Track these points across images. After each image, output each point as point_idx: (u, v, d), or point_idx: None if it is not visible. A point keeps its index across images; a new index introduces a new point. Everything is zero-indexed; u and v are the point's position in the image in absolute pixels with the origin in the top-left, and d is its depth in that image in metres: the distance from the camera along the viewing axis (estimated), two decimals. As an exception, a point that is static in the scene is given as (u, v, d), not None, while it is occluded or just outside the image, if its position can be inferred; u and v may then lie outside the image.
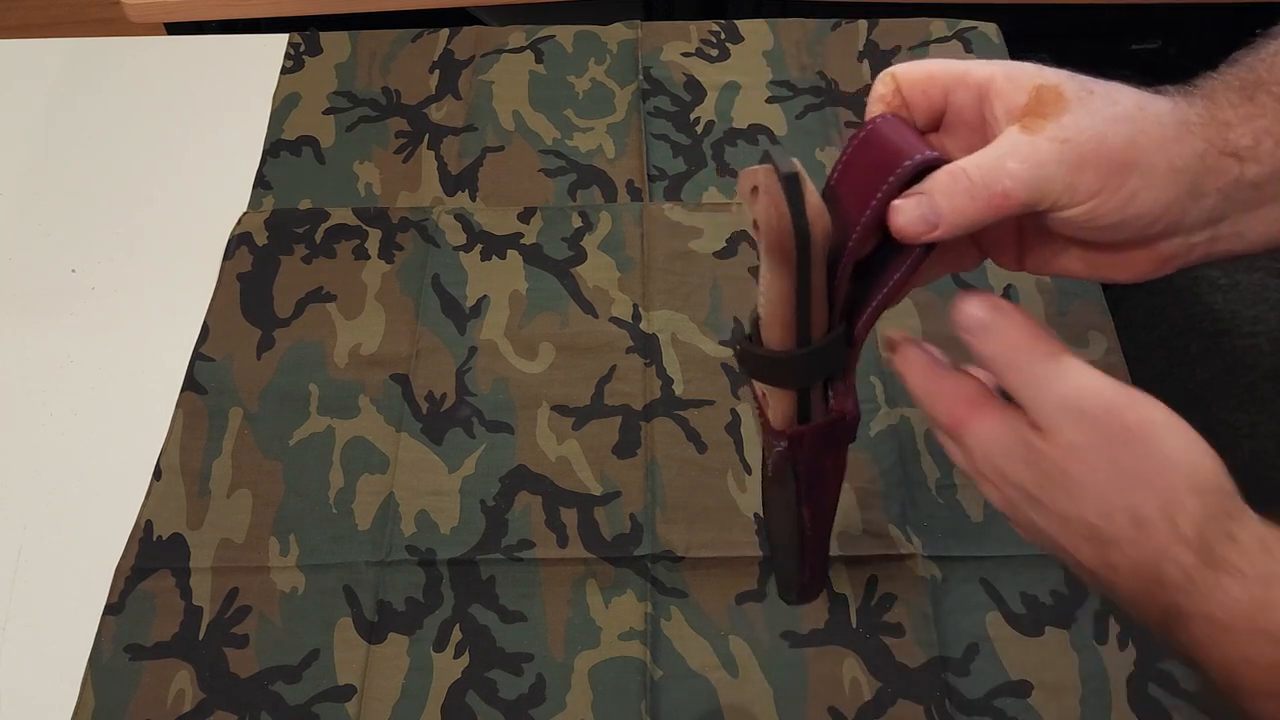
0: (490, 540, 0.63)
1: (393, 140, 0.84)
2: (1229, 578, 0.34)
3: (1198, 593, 0.34)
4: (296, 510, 0.65)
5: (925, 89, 0.41)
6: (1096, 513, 0.36)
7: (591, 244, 0.77)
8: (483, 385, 0.70)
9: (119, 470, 0.67)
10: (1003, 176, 0.37)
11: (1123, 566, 0.36)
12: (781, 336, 0.40)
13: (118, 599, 0.61)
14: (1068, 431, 0.37)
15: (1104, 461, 0.36)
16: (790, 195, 0.36)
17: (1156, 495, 0.35)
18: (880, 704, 0.57)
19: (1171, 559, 0.35)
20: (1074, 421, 0.36)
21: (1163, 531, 0.35)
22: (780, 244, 0.37)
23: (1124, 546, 0.36)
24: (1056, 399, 0.37)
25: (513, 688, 0.58)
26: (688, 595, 0.61)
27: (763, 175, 0.36)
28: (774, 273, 0.38)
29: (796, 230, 0.36)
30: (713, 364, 0.71)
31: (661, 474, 0.66)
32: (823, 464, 0.46)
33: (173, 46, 0.94)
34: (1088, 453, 0.36)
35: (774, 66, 0.89)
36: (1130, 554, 0.36)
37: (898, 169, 0.38)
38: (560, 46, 0.91)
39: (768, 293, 0.39)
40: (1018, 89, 0.39)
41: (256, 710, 0.58)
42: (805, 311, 0.39)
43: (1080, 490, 0.37)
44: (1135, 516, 0.36)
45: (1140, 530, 0.35)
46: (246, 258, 0.77)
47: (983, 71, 0.40)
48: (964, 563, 0.62)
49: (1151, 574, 0.36)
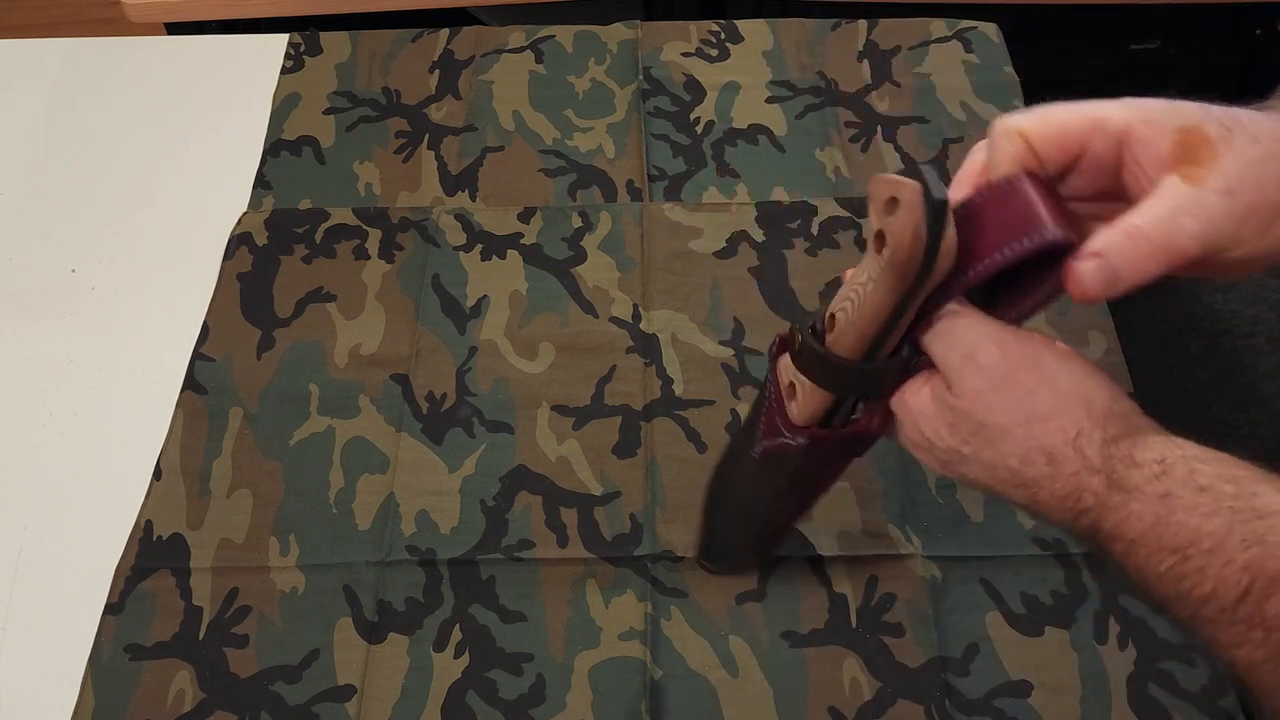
0: (490, 540, 0.63)
1: (393, 140, 0.84)
2: (1133, 499, 0.37)
3: (1111, 514, 0.38)
4: (296, 510, 0.65)
5: (1061, 143, 0.40)
6: (1016, 456, 0.40)
7: (591, 244, 0.77)
8: (483, 385, 0.70)
9: (119, 470, 0.67)
10: (1180, 236, 0.38)
11: (1048, 504, 0.40)
12: (854, 346, 0.40)
13: (118, 599, 0.61)
14: (971, 381, 0.40)
15: (1008, 404, 0.39)
16: (932, 223, 0.35)
17: (1060, 429, 0.39)
18: (880, 704, 0.57)
19: (1086, 487, 0.38)
20: (974, 372, 0.40)
21: (1074, 462, 0.39)
22: (905, 265, 0.36)
23: (1044, 484, 0.39)
24: (959, 353, 0.40)
25: (513, 688, 0.58)
26: (688, 595, 0.61)
27: (909, 192, 0.35)
28: (881, 287, 0.38)
29: (926, 258, 0.36)
30: (713, 364, 0.71)
31: (661, 474, 0.66)
32: (826, 468, 0.46)
33: (173, 46, 0.94)
34: (992, 399, 0.40)
35: (774, 66, 0.89)
36: (1051, 489, 0.39)
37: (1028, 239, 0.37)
38: (560, 46, 0.91)
39: (862, 302, 0.39)
40: (1160, 134, 0.39)
41: (256, 710, 0.58)
42: (889, 332, 0.39)
43: (997, 436, 0.40)
44: (1048, 454, 0.39)
45: (1054, 465, 0.39)
46: (246, 258, 0.77)
47: (1118, 118, 0.40)
48: (964, 563, 0.62)
49: (1073, 505, 0.39)
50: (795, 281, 0.75)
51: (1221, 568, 0.35)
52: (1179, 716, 0.57)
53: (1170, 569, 0.36)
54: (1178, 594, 0.36)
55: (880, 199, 0.36)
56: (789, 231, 0.78)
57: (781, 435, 0.45)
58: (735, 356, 0.71)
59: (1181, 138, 0.39)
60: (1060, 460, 0.39)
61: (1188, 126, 0.39)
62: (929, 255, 0.36)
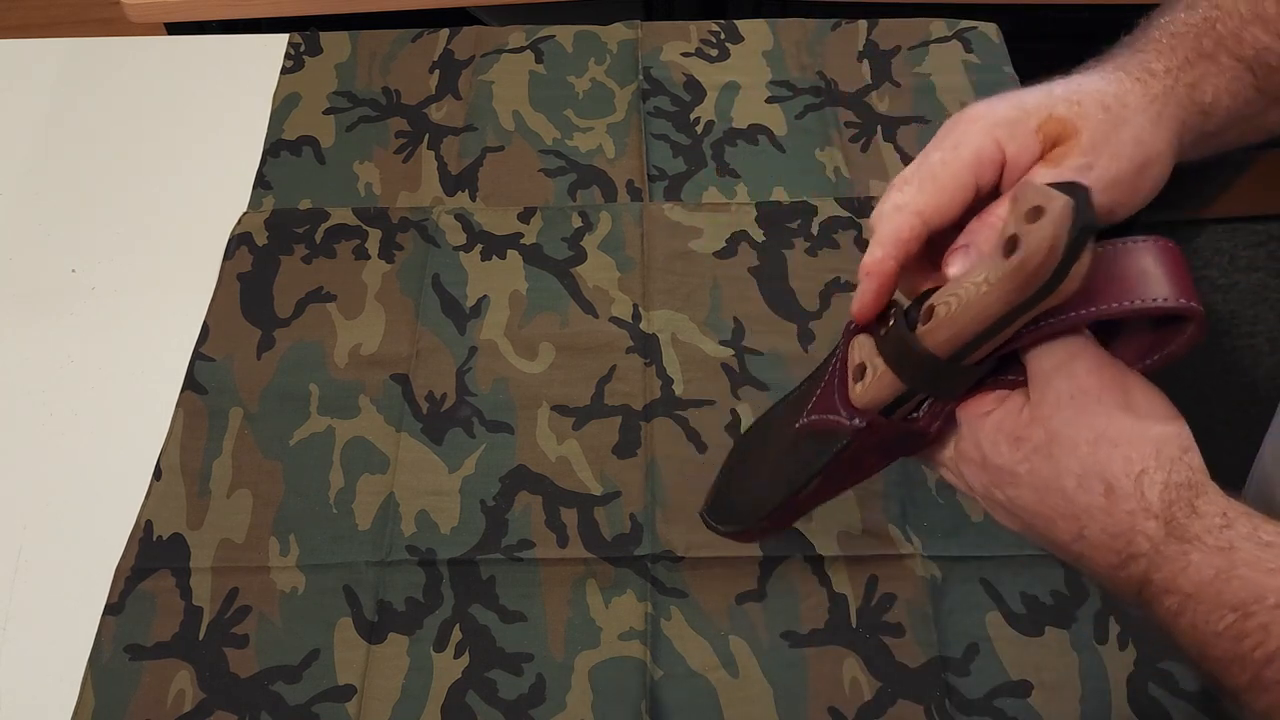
0: (490, 540, 0.63)
1: (393, 140, 0.84)
2: (1194, 549, 0.35)
3: (1166, 564, 0.36)
4: (296, 510, 0.65)
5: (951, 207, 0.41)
6: (1074, 476, 0.38)
7: (591, 244, 0.77)
8: (483, 385, 0.70)
9: (119, 470, 0.67)
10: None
11: (1095, 539, 0.37)
12: (946, 343, 0.39)
13: (118, 599, 0.61)
14: (1056, 389, 0.38)
15: (1084, 420, 0.38)
16: (1073, 245, 0.34)
17: (1126, 460, 0.37)
18: (880, 704, 0.57)
19: (1140, 530, 0.36)
20: (1063, 380, 0.38)
21: (1132, 500, 0.36)
22: (1031, 276, 0.35)
23: (1096, 516, 0.37)
24: (1054, 361, 0.39)
25: (513, 688, 0.58)
26: (688, 595, 0.61)
27: (1059, 205, 0.34)
28: (996, 291, 0.36)
29: (1055, 275, 0.35)
30: (713, 364, 0.71)
31: (661, 474, 0.66)
32: (867, 459, 0.46)
33: (173, 46, 0.94)
34: (1070, 413, 0.38)
35: (774, 66, 0.89)
36: (1102, 524, 0.37)
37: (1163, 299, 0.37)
38: (560, 46, 0.91)
39: (971, 301, 0.38)
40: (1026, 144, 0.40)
41: (256, 710, 0.58)
42: (987, 338, 0.38)
43: (1061, 452, 0.38)
44: (1107, 483, 0.37)
45: (1110, 498, 0.37)
46: (246, 258, 0.77)
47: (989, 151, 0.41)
48: (964, 563, 0.62)
49: (1123, 546, 0.37)
50: (795, 281, 0.75)
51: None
52: (1179, 716, 0.57)
53: (1230, 626, 0.34)
54: (1237, 654, 0.34)
55: (1025, 205, 0.35)
56: (789, 231, 0.78)
57: (836, 413, 0.44)
58: (735, 356, 0.71)
59: (1043, 132, 0.40)
60: (1118, 494, 0.37)
61: (1042, 120, 0.40)
62: (1059, 272, 0.35)
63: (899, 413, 0.43)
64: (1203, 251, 1.59)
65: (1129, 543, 0.36)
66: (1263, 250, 1.62)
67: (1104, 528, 0.37)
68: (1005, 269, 0.36)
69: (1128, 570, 0.37)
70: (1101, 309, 0.37)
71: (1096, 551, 0.38)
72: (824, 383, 0.46)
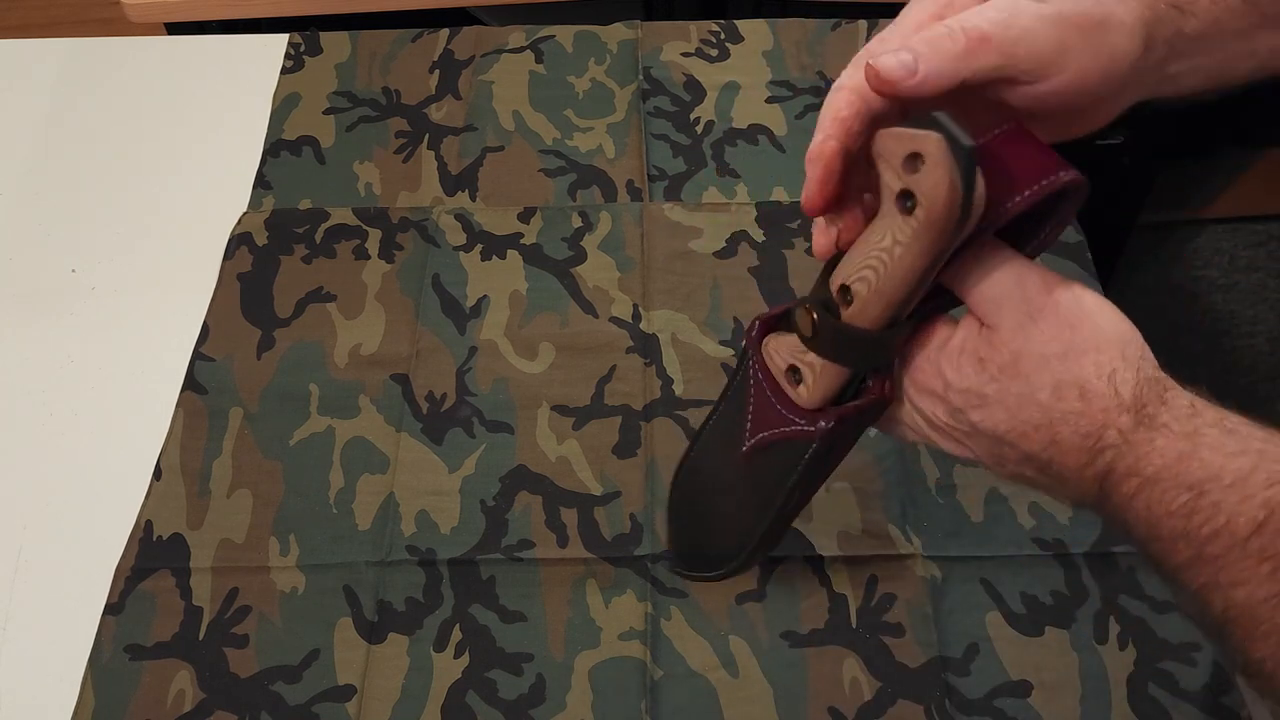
0: (490, 540, 0.63)
1: (393, 140, 0.84)
2: (1159, 435, 0.36)
3: (1132, 451, 0.37)
4: (296, 510, 0.65)
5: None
6: (1048, 388, 0.38)
7: (591, 244, 0.77)
8: (483, 385, 0.70)
9: (119, 470, 0.67)
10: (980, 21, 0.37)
11: (1067, 441, 0.38)
12: (879, 316, 0.38)
13: (118, 599, 0.61)
14: (1011, 313, 0.39)
15: (1049, 335, 0.38)
16: (965, 173, 0.33)
17: (1097, 365, 0.38)
18: (880, 704, 0.57)
19: (1112, 424, 0.37)
20: (1017, 303, 0.39)
21: (1106, 397, 0.37)
22: (942, 223, 0.34)
23: (1070, 421, 0.38)
24: (999, 288, 0.39)
25: (513, 688, 0.58)
26: (688, 595, 0.61)
27: (934, 146, 0.33)
28: (913, 250, 0.36)
29: (962, 213, 0.34)
30: (713, 364, 0.71)
31: (661, 474, 0.66)
32: (843, 446, 0.45)
33: (173, 46, 0.94)
34: (1033, 330, 0.38)
35: (774, 66, 0.89)
36: (1075, 426, 0.38)
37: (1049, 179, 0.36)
38: (560, 46, 0.91)
39: (890, 268, 0.37)
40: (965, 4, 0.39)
41: (256, 710, 0.58)
42: (918, 294, 0.38)
43: (1032, 368, 0.39)
44: (1082, 387, 0.38)
45: (1085, 400, 0.38)
46: (246, 258, 0.77)
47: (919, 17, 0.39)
48: (964, 563, 0.62)
49: (1094, 444, 0.38)
50: (795, 281, 0.75)
51: (1239, 503, 0.34)
52: (1179, 716, 0.57)
53: (1183, 505, 0.35)
54: (1184, 531, 0.35)
55: (897, 156, 0.34)
56: (789, 231, 0.78)
57: (790, 423, 0.43)
58: (735, 356, 0.71)
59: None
60: (1092, 395, 0.37)
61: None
62: (964, 209, 0.34)
63: (849, 393, 0.43)
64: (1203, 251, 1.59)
65: (1099, 439, 0.37)
66: (1263, 250, 1.62)
67: (1076, 429, 0.38)
68: (913, 226, 0.35)
69: (1094, 466, 0.38)
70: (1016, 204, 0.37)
71: (1066, 455, 0.38)
72: (751, 400, 0.45)
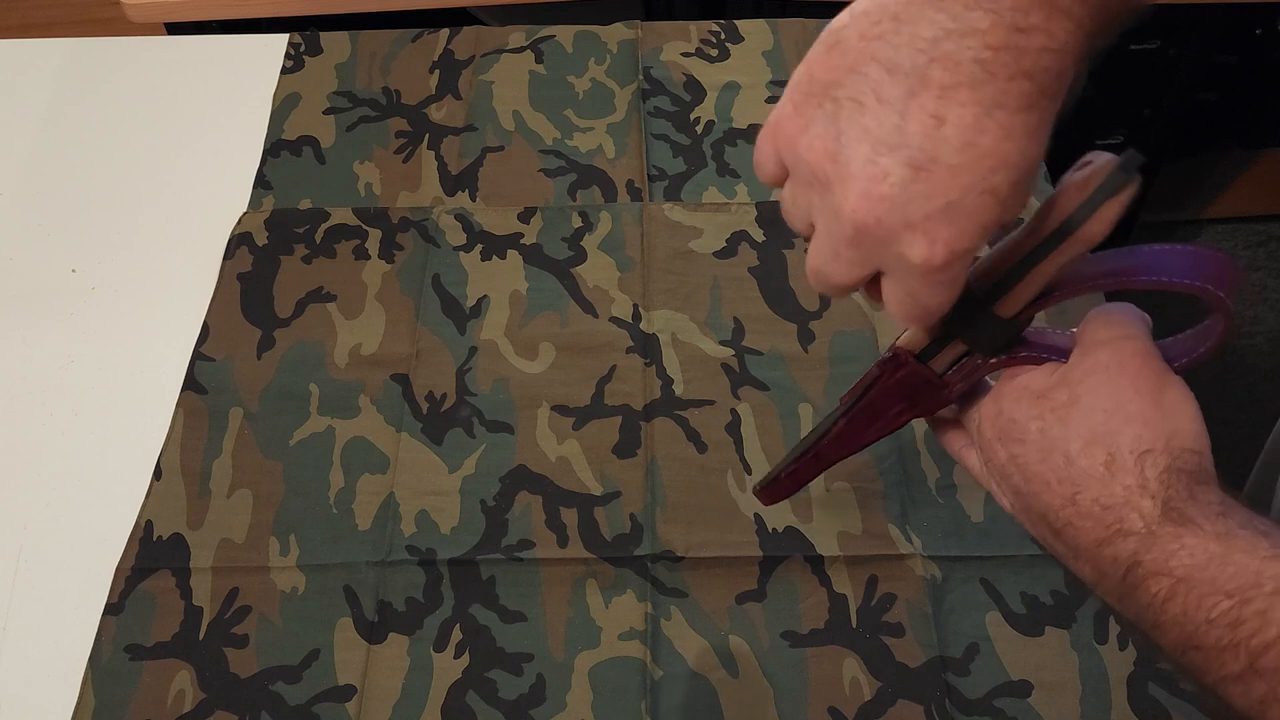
0: (490, 540, 0.63)
1: (393, 140, 0.84)
2: (1188, 533, 0.34)
3: (1159, 546, 0.35)
4: (296, 510, 0.65)
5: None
6: (1082, 439, 0.37)
7: (591, 244, 0.77)
8: (483, 385, 0.70)
9: (119, 470, 0.67)
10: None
11: (1086, 508, 0.37)
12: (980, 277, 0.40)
13: (118, 599, 0.61)
14: (1101, 357, 0.38)
15: (1113, 390, 0.37)
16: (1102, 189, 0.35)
17: (1136, 437, 0.36)
18: (880, 704, 0.57)
19: (1134, 506, 0.36)
20: (1110, 352, 0.38)
21: (1131, 475, 0.36)
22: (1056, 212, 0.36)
23: (1092, 485, 0.37)
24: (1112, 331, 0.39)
25: (513, 688, 0.58)
26: (688, 595, 0.61)
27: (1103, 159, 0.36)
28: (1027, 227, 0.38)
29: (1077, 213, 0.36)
30: (713, 364, 0.71)
31: (661, 474, 0.66)
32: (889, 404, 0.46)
33: (173, 46, 0.94)
34: (1103, 380, 0.38)
35: (774, 66, 0.89)
36: (1096, 493, 0.37)
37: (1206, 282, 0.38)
38: (560, 46, 0.91)
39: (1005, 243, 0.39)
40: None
41: (256, 710, 0.58)
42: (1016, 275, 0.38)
43: (1078, 416, 0.38)
44: (1111, 454, 0.37)
45: (1110, 470, 0.36)
46: (246, 258, 0.77)
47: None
48: (964, 563, 0.62)
49: (1114, 520, 0.36)
50: (795, 281, 0.75)
51: None
52: (1179, 716, 0.57)
53: (1225, 613, 0.32)
54: (1231, 642, 0.32)
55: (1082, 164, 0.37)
56: (789, 231, 0.78)
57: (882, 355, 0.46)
58: (735, 356, 0.71)
59: None
60: (1118, 467, 0.36)
61: None
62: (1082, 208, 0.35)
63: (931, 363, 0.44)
64: (1203, 251, 1.59)
65: (1120, 518, 0.36)
66: (1263, 250, 1.62)
67: (1097, 498, 0.37)
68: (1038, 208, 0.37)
69: (1114, 548, 0.36)
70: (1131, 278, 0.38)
71: (1085, 521, 0.37)
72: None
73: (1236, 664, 0.32)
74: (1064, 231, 0.36)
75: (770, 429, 0.68)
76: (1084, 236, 0.36)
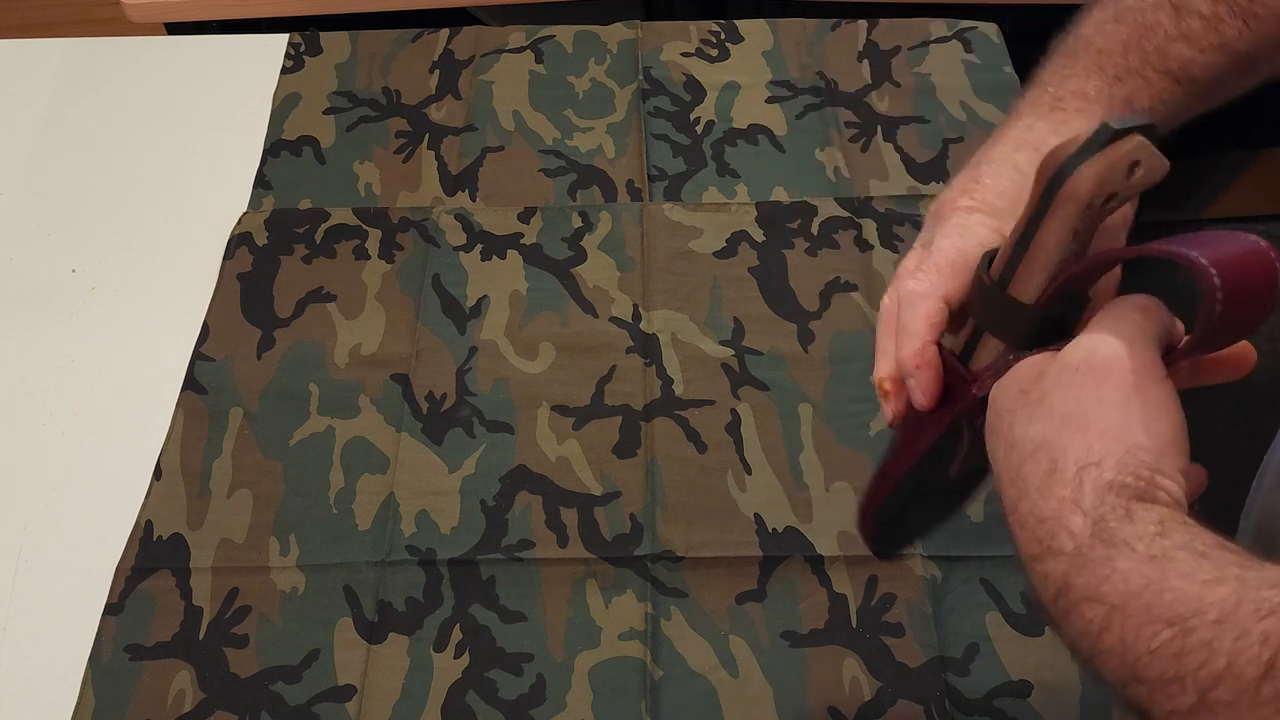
0: (490, 540, 0.63)
1: (393, 140, 0.84)
2: (1120, 555, 0.32)
3: (1088, 569, 0.32)
4: (296, 510, 0.65)
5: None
6: (1034, 444, 0.35)
7: (591, 244, 0.77)
8: (483, 385, 0.70)
9: (119, 470, 0.67)
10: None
11: (1024, 517, 0.35)
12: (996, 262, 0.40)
13: (118, 599, 0.61)
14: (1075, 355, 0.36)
15: (1076, 395, 0.35)
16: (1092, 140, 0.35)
17: (1087, 449, 0.34)
18: (880, 704, 0.57)
19: (1064, 523, 0.33)
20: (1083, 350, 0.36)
21: (1067, 487, 0.34)
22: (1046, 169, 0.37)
23: (1030, 493, 0.35)
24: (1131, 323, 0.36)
25: (513, 688, 0.58)
26: (688, 595, 0.61)
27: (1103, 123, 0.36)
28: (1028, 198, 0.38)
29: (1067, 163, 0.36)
30: (713, 364, 0.71)
31: (661, 474, 0.66)
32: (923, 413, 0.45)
33: (173, 46, 0.94)
34: (1071, 380, 0.36)
35: (774, 66, 0.89)
36: (1033, 502, 0.35)
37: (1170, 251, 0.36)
38: (560, 46, 0.91)
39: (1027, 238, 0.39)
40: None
41: (256, 710, 0.58)
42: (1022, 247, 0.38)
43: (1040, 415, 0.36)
44: (1055, 462, 0.34)
45: (1049, 480, 0.34)
46: (246, 258, 0.77)
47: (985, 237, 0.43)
48: (964, 563, 0.62)
49: (1046, 536, 0.34)
50: (795, 281, 0.75)
51: (1235, 641, 0.28)
52: (1179, 716, 0.57)
53: (1167, 643, 0.30)
54: (1177, 675, 0.29)
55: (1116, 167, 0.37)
56: (789, 231, 0.78)
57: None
58: (735, 356, 0.71)
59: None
60: (1057, 478, 0.34)
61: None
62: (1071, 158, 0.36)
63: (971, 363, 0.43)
64: (1203, 251, 1.59)
65: (1052, 534, 0.34)
66: (1263, 250, 1.62)
67: (1033, 508, 0.35)
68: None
69: (1045, 565, 0.34)
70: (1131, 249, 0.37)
71: (1022, 532, 0.35)
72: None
73: (1185, 698, 0.30)
74: (1050, 189, 0.36)
75: (770, 429, 0.68)
76: (1069, 192, 0.36)
